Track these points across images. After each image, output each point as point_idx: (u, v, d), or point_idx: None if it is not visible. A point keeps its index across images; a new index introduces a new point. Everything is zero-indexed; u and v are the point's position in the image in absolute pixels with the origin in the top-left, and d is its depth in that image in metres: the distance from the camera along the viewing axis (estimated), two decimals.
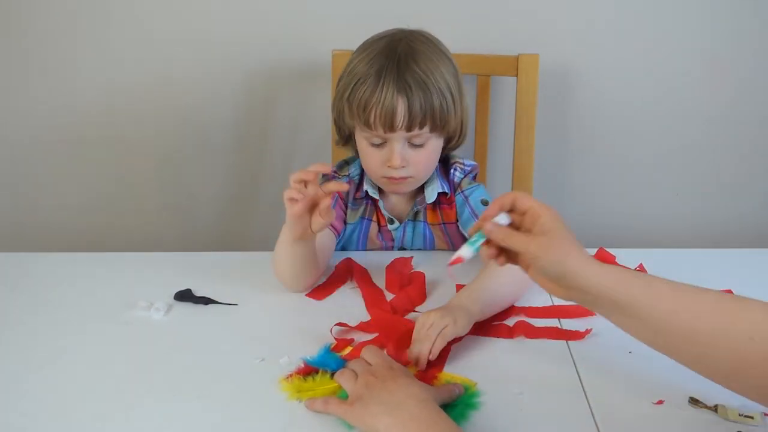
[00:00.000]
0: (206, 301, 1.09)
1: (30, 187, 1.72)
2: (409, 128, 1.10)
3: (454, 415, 0.84)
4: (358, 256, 1.20)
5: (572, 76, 1.61)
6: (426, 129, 1.12)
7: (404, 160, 1.13)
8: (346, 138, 1.23)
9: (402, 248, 1.29)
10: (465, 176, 1.24)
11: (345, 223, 1.25)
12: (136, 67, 1.60)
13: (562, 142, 1.68)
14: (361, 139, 1.16)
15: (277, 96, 1.63)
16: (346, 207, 1.25)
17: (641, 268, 1.16)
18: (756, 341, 0.74)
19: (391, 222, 1.26)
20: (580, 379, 0.92)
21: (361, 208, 1.26)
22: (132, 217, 1.75)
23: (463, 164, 1.25)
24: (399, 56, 1.11)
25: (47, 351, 0.98)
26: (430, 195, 1.22)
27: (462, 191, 1.23)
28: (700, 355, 0.78)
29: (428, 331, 0.94)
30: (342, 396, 0.87)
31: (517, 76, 1.48)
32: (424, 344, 0.94)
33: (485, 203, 1.20)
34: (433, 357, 0.93)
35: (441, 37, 1.47)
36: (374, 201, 1.24)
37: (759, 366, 0.74)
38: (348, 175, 1.25)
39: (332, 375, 0.90)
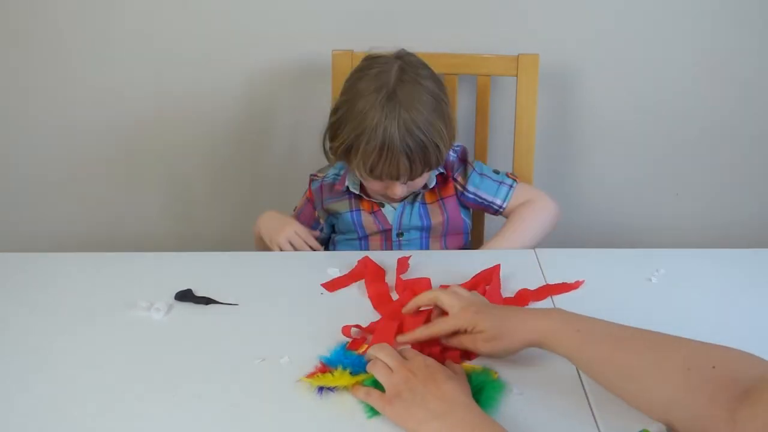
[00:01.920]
0: (207, 301, 1.08)
1: (30, 187, 1.72)
2: (410, 179, 1.23)
3: (484, 399, 0.86)
4: (375, 257, 1.20)
5: (572, 76, 1.61)
6: (424, 174, 1.24)
7: (404, 189, 1.25)
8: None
9: (400, 233, 1.34)
10: (457, 156, 1.35)
11: (319, 223, 1.39)
12: (136, 67, 1.60)
13: (562, 142, 1.68)
14: (362, 173, 1.24)
15: (277, 96, 1.63)
16: (314, 209, 1.39)
17: None
18: (692, 371, 0.76)
19: (382, 205, 1.34)
20: (581, 379, 0.92)
21: (345, 201, 1.34)
22: (132, 217, 1.75)
23: (452, 146, 1.32)
24: (399, 116, 1.17)
25: (47, 351, 0.98)
26: (431, 181, 1.32)
27: (468, 171, 1.35)
28: (639, 391, 0.81)
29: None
30: (369, 384, 0.88)
31: (517, 76, 1.48)
32: None
33: (497, 171, 1.37)
34: None
35: (441, 38, 1.48)
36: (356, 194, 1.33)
37: (696, 393, 0.75)
38: (324, 177, 1.37)
39: (351, 372, 0.90)
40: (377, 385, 0.88)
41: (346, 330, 1.00)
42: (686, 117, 1.65)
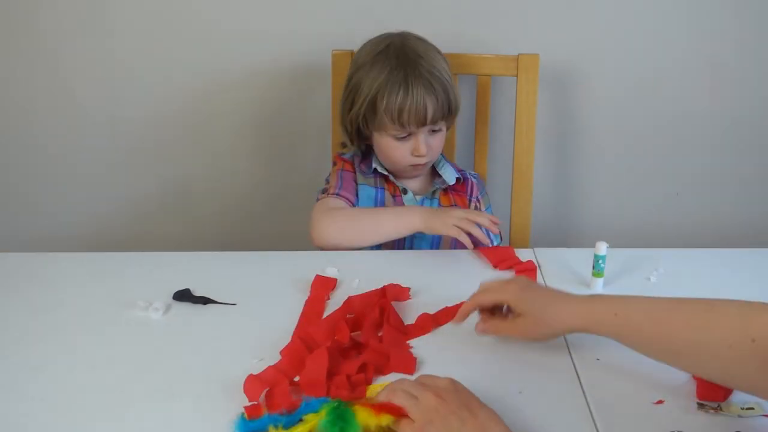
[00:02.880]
0: (205, 300, 1.08)
1: (30, 187, 1.72)
2: (435, 121, 1.27)
3: None
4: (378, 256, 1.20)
5: (572, 76, 1.61)
6: (445, 119, 1.29)
7: (427, 147, 1.29)
8: (360, 140, 1.35)
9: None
10: (478, 181, 1.42)
11: (356, 192, 1.36)
12: (135, 67, 1.61)
13: (562, 142, 1.68)
14: (385, 138, 1.29)
15: (277, 96, 1.64)
16: (355, 171, 1.37)
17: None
18: (734, 348, 0.76)
19: (405, 192, 1.36)
20: (579, 379, 0.92)
21: (371, 179, 1.37)
22: (132, 217, 1.75)
23: (473, 173, 1.43)
24: (415, 61, 1.26)
25: (47, 351, 0.98)
26: (449, 177, 1.37)
27: (483, 201, 1.43)
28: (692, 366, 0.82)
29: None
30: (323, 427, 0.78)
31: (517, 76, 1.48)
32: None
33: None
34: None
35: (441, 37, 1.48)
36: (384, 176, 1.36)
37: (745, 369, 0.75)
38: (352, 153, 1.39)
39: (284, 426, 0.79)
40: (331, 417, 0.78)
41: (250, 410, 0.86)
42: (686, 117, 1.65)
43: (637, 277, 1.15)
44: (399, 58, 1.26)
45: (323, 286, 1.13)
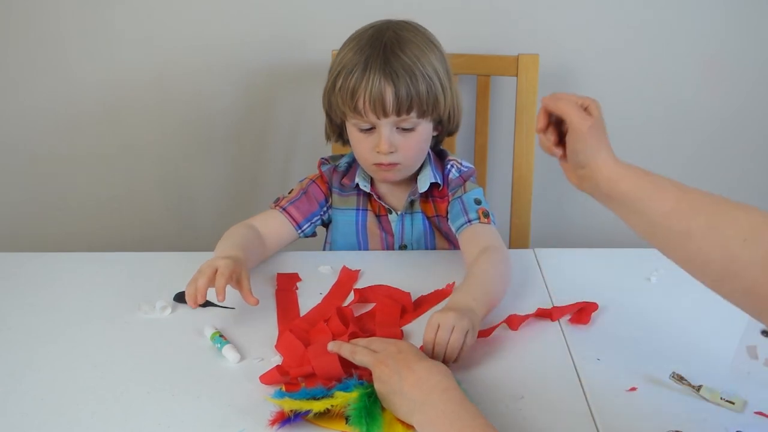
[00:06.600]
0: (204, 303, 1.08)
1: (30, 187, 1.73)
2: (397, 113, 1.12)
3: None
4: (357, 257, 1.19)
5: (572, 76, 1.61)
6: (413, 114, 1.13)
7: (392, 145, 1.14)
8: (338, 130, 1.24)
9: (403, 246, 1.28)
10: (460, 175, 1.24)
11: (330, 207, 1.28)
12: (136, 67, 1.61)
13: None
14: (351, 127, 1.17)
15: (277, 96, 1.64)
16: (330, 192, 1.27)
17: None
18: (748, 243, 0.73)
19: (390, 212, 1.26)
20: (579, 379, 0.92)
21: (353, 198, 1.27)
22: (132, 217, 1.75)
23: (461, 164, 1.25)
24: (385, 44, 1.13)
25: (47, 351, 0.99)
26: (422, 185, 1.22)
27: (457, 192, 1.23)
28: (694, 253, 0.78)
29: (453, 336, 0.92)
30: (357, 407, 0.84)
31: (517, 76, 1.48)
32: (453, 350, 0.92)
33: (478, 202, 1.22)
34: (458, 362, 0.94)
35: (440, 37, 1.47)
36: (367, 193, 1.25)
37: (749, 268, 0.72)
38: (337, 165, 1.27)
39: (315, 398, 0.85)
40: (360, 407, 0.83)
41: (266, 378, 0.92)
42: (686, 117, 1.65)
43: (636, 277, 1.15)
44: (371, 38, 1.14)
45: (289, 280, 1.16)
